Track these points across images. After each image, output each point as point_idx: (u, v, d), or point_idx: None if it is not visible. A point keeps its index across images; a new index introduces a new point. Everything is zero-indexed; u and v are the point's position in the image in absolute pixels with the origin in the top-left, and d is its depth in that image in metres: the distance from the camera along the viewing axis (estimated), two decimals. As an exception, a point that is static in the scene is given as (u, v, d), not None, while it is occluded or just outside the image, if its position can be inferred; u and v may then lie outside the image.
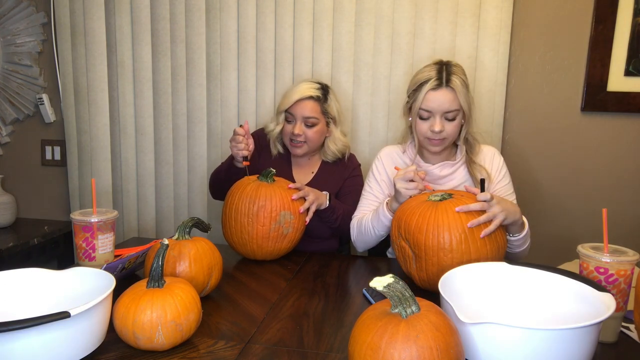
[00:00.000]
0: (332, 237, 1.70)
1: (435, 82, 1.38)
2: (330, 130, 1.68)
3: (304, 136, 1.62)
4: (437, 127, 1.39)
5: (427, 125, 1.42)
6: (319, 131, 1.64)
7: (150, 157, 2.16)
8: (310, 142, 1.64)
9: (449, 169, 1.51)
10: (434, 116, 1.40)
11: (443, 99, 1.38)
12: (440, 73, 1.39)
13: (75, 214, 1.21)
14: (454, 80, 1.38)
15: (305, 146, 1.65)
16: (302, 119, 1.61)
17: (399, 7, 1.88)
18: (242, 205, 1.39)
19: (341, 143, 1.71)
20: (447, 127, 1.41)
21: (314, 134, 1.63)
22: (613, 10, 1.79)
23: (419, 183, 1.31)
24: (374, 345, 0.72)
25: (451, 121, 1.41)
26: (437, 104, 1.38)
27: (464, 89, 1.40)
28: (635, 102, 1.83)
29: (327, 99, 1.64)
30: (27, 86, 2.26)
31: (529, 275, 1.01)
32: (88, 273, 0.97)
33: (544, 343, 0.76)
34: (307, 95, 1.61)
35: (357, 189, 1.68)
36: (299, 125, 1.62)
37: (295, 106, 1.62)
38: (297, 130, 1.61)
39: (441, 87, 1.38)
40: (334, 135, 1.69)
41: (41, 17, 2.19)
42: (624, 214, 1.90)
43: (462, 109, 1.40)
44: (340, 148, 1.71)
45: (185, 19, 2.03)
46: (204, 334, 0.98)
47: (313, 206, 1.47)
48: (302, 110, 1.61)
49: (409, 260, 1.21)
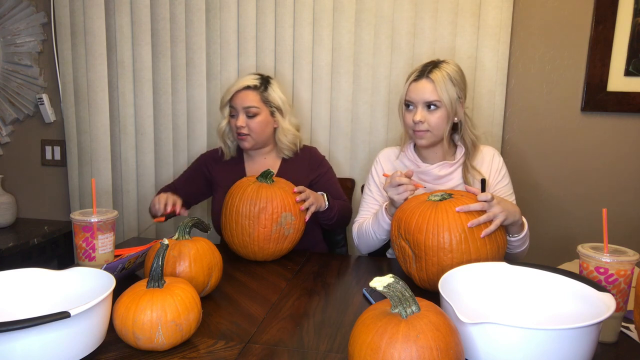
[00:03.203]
0: (315, 228, 1.70)
1: (417, 74, 1.45)
2: (277, 120, 1.67)
3: (247, 128, 1.62)
4: (417, 117, 1.43)
5: (411, 116, 1.46)
6: (262, 121, 1.63)
7: (150, 157, 2.16)
8: (254, 133, 1.63)
9: (448, 168, 1.51)
10: (415, 107, 1.45)
11: (422, 89, 1.43)
12: (425, 67, 1.45)
13: (75, 214, 1.21)
14: (435, 73, 1.43)
15: (250, 138, 1.64)
16: (242, 110, 1.62)
17: (399, 7, 1.88)
18: (242, 207, 1.38)
19: (291, 134, 1.69)
20: (430, 118, 1.44)
21: (257, 125, 1.62)
22: (613, 10, 1.79)
23: (408, 184, 1.32)
24: (374, 345, 0.72)
25: (432, 112, 1.44)
26: (416, 94, 1.44)
27: (448, 82, 1.43)
28: (635, 102, 1.83)
29: (267, 89, 1.64)
30: (27, 86, 2.26)
31: (529, 275, 1.01)
32: (88, 273, 0.97)
33: (544, 343, 0.76)
34: (245, 85, 1.62)
35: (332, 183, 1.72)
36: (241, 116, 1.62)
37: (235, 98, 1.62)
38: (239, 123, 1.61)
39: (422, 78, 1.44)
40: (282, 127, 1.67)
41: (41, 17, 2.19)
42: (624, 214, 1.90)
43: (442, 100, 1.43)
44: (291, 139, 1.70)
45: (185, 19, 2.03)
46: (204, 334, 0.98)
47: (313, 207, 1.48)
48: (242, 101, 1.61)
49: (409, 260, 1.21)
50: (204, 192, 1.80)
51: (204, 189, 1.79)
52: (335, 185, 1.73)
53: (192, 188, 1.77)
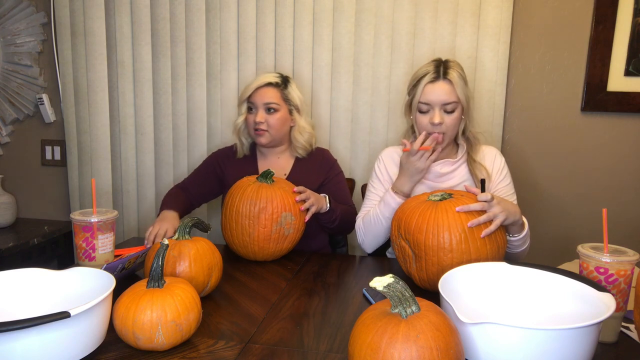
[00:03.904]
0: (321, 233, 1.70)
1: (432, 75, 1.42)
2: (295, 119, 1.69)
3: (266, 124, 1.63)
4: (436, 119, 1.41)
5: (427, 118, 1.44)
6: (281, 118, 1.64)
7: (150, 157, 2.16)
8: (272, 129, 1.64)
9: (450, 166, 1.51)
10: (432, 109, 1.43)
11: (440, 90, 1.41)
12: (437, 67, 1.43)
13: (75, 214, 1.21)
14: (451, 73, 1.42)
15: (268, 134, 1.64)
16: (262, 105, 1.62)
17: (399, 7, 1.88)
18: (242, 207, 1.38)
19: (307, 133, 1.71)
20: (447, 120, 1.43)
21: (276, 121, 1.63)
22: (613, 10, 1.79)
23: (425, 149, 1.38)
24: (374, 345, 0.72)
25: (450, 114, 1.43)
26: (435, 96, 1.41)
27: (462, 81, 1.43)
28: (635, 102, 1.83)
29: (287, 87, 1.66)
30: (27, 86, 2.26)
31: (529, 275, 1.02)
32: (88, 273, 0.97)
33: (544, 343, 0.76)
34: (267, 81, 1.63)
35: (341, 186, 1.72)
36: (261, 112, 1.62)
37: (255, 94, 1.63)
38: (258, 118, 1.62)
39: (438, 79, 1.41)
40: (299, 125, 1.69)
41: (41, 17, 2.19)
42: (624, 214, 1.90)
43: (460, 101, 1.43)
44: (307, 138, 1.71)
45: (185, 19, 2.03)
46: (204, 334, 0.98)
47: (313, 207, 1.48)
48: (262, 97, 1.62)
49: (409, 260, 1.21)
50: (215, 191, 1.79)
51: (216, 189, 1.78)
52: (344, 189, 1.73)
53: (204, 188, 1.77)
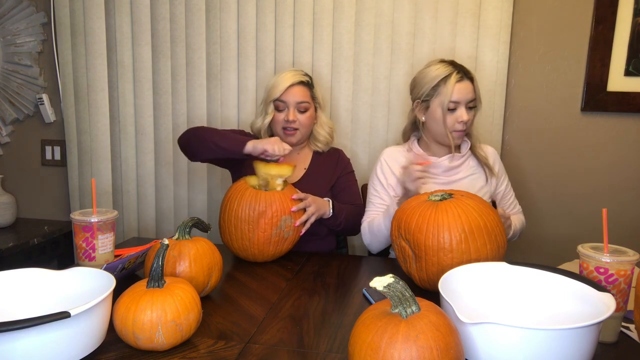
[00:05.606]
0: (329, 235, 1.70)
1: (458, 74, 1.45)
2: (318, 115, 1.70)
3: (298, 122, 1.63)
4: (465, 117, 1.46)
5: (454, 117, 1.47)
6: (311, 116, 1.66)
7: (150, 157, 2.16)
8: (303, 127, 1.65)
9: (457, 160, 1.55)
10: (460, 107, 1.46)
11: (467, 89, 1.46)
12: (456, 67, 1.47)
13: (75, 214, 1.21)
14: (471, 72, 1.48)
15: (299, 133, 1.65)
16: (295, 104, 1.62)
17: (399, 7, 1.88)
18: (241, 211, 1.36)
19: (328, 127, 1.73)
20: (470, 117, 1.49)
21: (307, 119, 1.64)
22: (613, 10, 1.79)
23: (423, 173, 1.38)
24: (374, 345, 0.72)
25: (471, 110, 1.48)
26: (463, 95, 1.45)
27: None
28: (635, 102, 1.83)
29: (313, 85, 1.67)
30: (27, 86, 2.26)
31: (529, 275, 1.01)
32: (88, 273, 0.97)
33: (544, 343, 0.76)
34: (298, 80, 1.63)
35: (351, 185, 1.73)
36: (293, 111, 1.62)
37: (287, 93, 1.62)
38: (291, 117, 1.61)
39: (464, 78, 1.46)
40: (322, 120, 1.71)
41: (41, 17, 2.19)
42: (624, 214, 1.90)
43: (479, 98, 1.49)
44: (328, 131, 1.73)
45: (185, 19, 2.03)
46: (204, 334, 0.98)
47: (313, 217, 1.47)
48: (295, 96, 1.62)
49: (409, 260, 1.21)
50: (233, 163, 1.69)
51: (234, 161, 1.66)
52: (354, 188, 1.74)
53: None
